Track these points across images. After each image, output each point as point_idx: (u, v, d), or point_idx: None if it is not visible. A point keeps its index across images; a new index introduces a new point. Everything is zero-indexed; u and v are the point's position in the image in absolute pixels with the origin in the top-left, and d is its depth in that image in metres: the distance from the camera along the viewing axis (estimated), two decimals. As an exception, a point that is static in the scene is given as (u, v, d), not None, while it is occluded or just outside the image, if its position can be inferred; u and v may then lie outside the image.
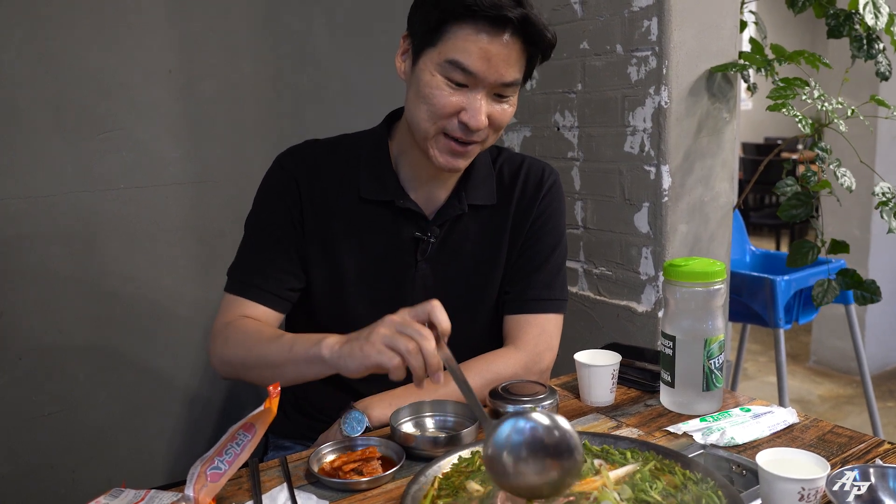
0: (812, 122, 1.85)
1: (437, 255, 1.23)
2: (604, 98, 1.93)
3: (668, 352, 1.12)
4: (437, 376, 0.89)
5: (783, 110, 1.80)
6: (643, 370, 1.26)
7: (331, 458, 0.99)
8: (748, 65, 1.85)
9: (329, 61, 2.00)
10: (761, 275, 2.34)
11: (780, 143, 6.95)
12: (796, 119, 1.80)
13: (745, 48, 2.00)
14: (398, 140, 1.22)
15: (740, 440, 1.01)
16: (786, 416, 1.09)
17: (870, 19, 1.86)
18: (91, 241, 1.70)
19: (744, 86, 2.13)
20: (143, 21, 1.70)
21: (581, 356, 1.20)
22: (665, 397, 1.16)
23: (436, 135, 1.11)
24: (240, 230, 1.25)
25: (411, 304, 1.22)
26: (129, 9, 1.68)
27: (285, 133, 1.93)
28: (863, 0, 1.86)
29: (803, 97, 1.87)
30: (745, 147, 7.17)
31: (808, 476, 0.80)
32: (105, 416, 1.75)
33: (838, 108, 1.90)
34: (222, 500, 0.91)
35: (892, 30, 1.92)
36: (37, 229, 1.63)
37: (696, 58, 1.79)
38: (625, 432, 1.08)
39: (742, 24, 2.06)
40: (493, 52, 1.04)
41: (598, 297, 2.03)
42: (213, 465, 0.87)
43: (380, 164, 1.21)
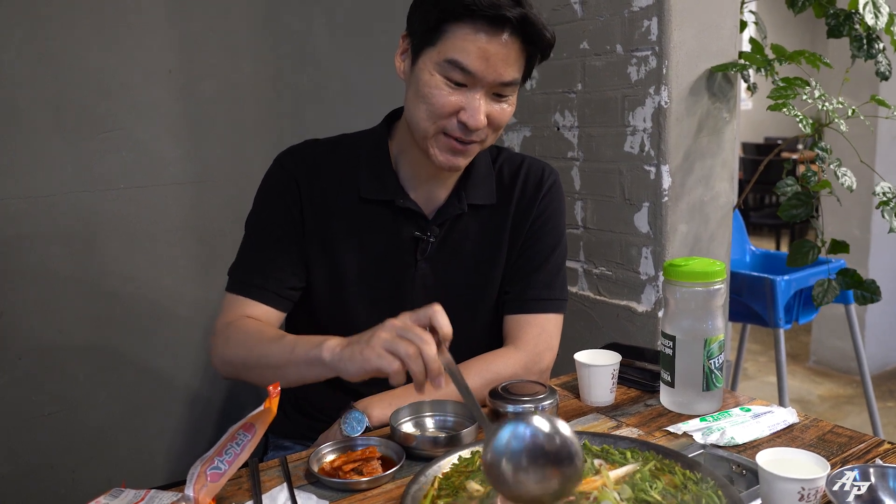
0: (813, 122, 1.85)
1: (437, 254, 1.23)
2: (604, 98, 1.93)
3: (668, 352, 1.12)
4: (438, 381, 0.88)
5: (784, 110, 1.80)
6: (643, 370, 1.26)
7: (331, 457, 0.99)
8: (748, 64, 1.85)
9: (329, 61, 2.00)
10: (761, 275, 2.34)
11: (780, 143, 6.95)
12: (797, 119, 1.80)
13: (745, 48, 2.00)
14: (398, 139, 1.22)
15: (740, 440, 1.01)
16: (786, 416, 1.08)
17: (870, 19, 1.86)
18: (91, 241, 1.70)
19: (744, 86, 2.13)
20: (143, 21, 1.71)
21: (581, 356, 1.20)
22: (665, 397, 1.16)
23: (435, 134, 1.10)
24: (240, 230, 1.25)
25: (411, 303, 1.23)
26: (129, 9, 1.68)
27: (285, 133, 1.93)
28: (862, 0, 1.86)
29: (804, 97, 1.87)
30: (745, 147, 7.17)
31: (808, 476, 0.80)
32: (105, 416, 1.75)
33: (839, 107, 1.90)
34: (222, 500, 0.91)
35: (892, 29, 1.92)
36: (37, 229, 1.63)
37: (696, 58, 1.79)
38: (625, 432, 1.08)
39: (742, 24, 2.06)
40: (492, 52, 1.04)
41: (597, 297, 2.03)
42: (213, 465, 0.87)
43: (380, 163, 1.21)
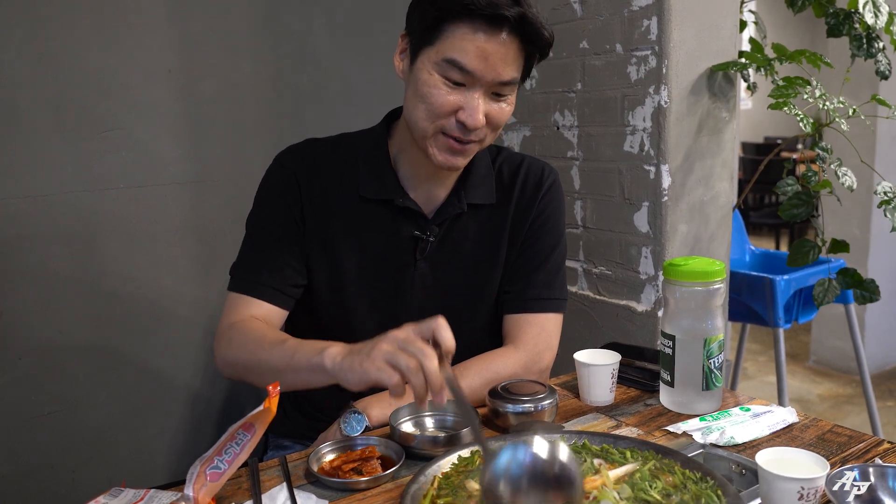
0: (813, 122, 1.85)
1: (437, 254, 1.23)
2: (603, 97, 1.93)
3: (668, 351, 1.11)
4: (440, 397, 0.87)
5: (784, 109, 1.80)
6: (643, 370, 1.26)
7: (330, 457, 0.99)
8: (749, 63, 1.85)
9: (329, 61, 2.00)
10: (761, 274, 2.34)
11: (779, 142, 6.95)
12: (798, 118, 1.80)
13: (745, 48, 2.00)
14: (397, 139, 1.22)
15: (740, 439, 1.01)
16: (785, 416, 1.08)
17: (869, 18, 1.86)
18: (91, 241, 1.70)
19: (743, 85, 2.13)
20: (143, 21, 1.71)
21: (581, 356, 1.20)
22: (665, 397, 1.16)
23: (434, 133, 1.10)
24: (240, 230, 1.25)
25: (411, 302, 1.23)
26: (129, 9, 1.68)
27: (285, 133, 1.93)
28: (862, -1, 1.86)
29: (805, 96, 1.87)
30: (745, 147, 7.17)
31: (808, 475, 0.80)
32: (105, 416, 1.75)
33: (839, 107, 1.89)
34: (222, 500, 0.91)
35: (891, 29, 1.92)
36: (37, 229, 1.63)
37: (695, 57, 1.79)
38: (624, 432, 1.08)
39: (742, 24, 2.06)
40: (491, 51, 1.04)
41: (597, 297, 2.03)
42: (213, 465, 0.87)
43: (379, 162, 1.21)
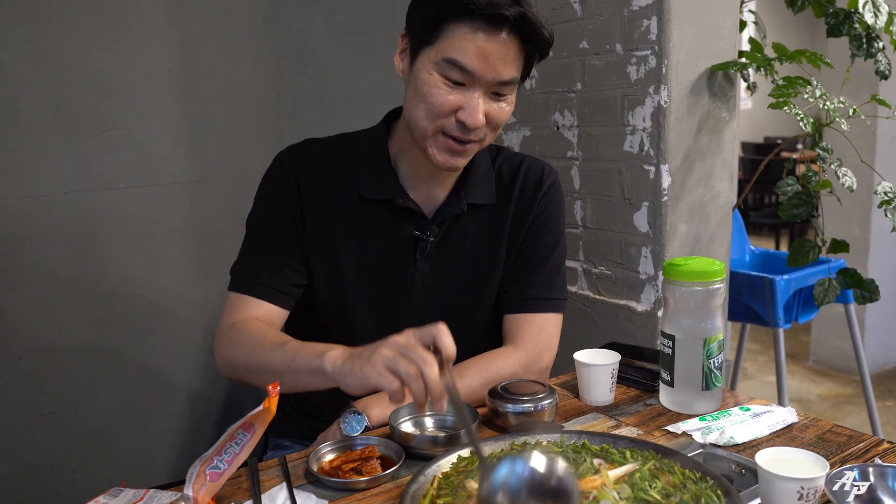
0: (813, 122, 1.85)
1: (437, 254, 1.23)
2: (603, 97, 1.93)
3: (668, 351, 1.11)
4: (440, 404, 0.87)
5: (785, 108, 1.80)
6: (642, 369, 1.26)
7: (330, 457, 0.99)
8: (749, 63, 1.85)
9: (329, 61, 2.00)
10: (761, 274, 2.34)
11: (779, 142, 6.95)
12: (798, 118, 1.80)
13: (745, 48, 2.00)
14: (397, 139, 1.22)
15: (739, 439, 1.01)
16: (785, 416, 1.08)
17: (869, 18, 1.86)
18: (91, 240, 1.70)
19: (743, 85, 2.13)
20: (143, 21, 1.71)
21: (580, 355, 1.20)
22: (664, 396, 1.16)
23: (434, 133, 1.10)
24: (240, 230, 1.25)
25: (410, 302, 1.23)
26: (129, 9, 1.68)
27: (285, 133, 1.93)
28: (862, -1, 1.86)
29: (805, 96, 1.87)
30: (745, 147, 7.17)
31: (808, 475, 0.80)
32: (105, 416, 1.75)
33: (839, 107, 1.89)
34: (221, 500, 0.91)
35: (891, 29, 1.92)
36: (37, 229, 1.63)
37: (695, 57, 1.79)
38: (624, 431, 1.08)
39: (742, 24, 2.05)
40: (491, 51, 1.04)
41: (597, 297, 2.03)
42: (213, 465, 0.87)
43: (379, 162, 1.21)
